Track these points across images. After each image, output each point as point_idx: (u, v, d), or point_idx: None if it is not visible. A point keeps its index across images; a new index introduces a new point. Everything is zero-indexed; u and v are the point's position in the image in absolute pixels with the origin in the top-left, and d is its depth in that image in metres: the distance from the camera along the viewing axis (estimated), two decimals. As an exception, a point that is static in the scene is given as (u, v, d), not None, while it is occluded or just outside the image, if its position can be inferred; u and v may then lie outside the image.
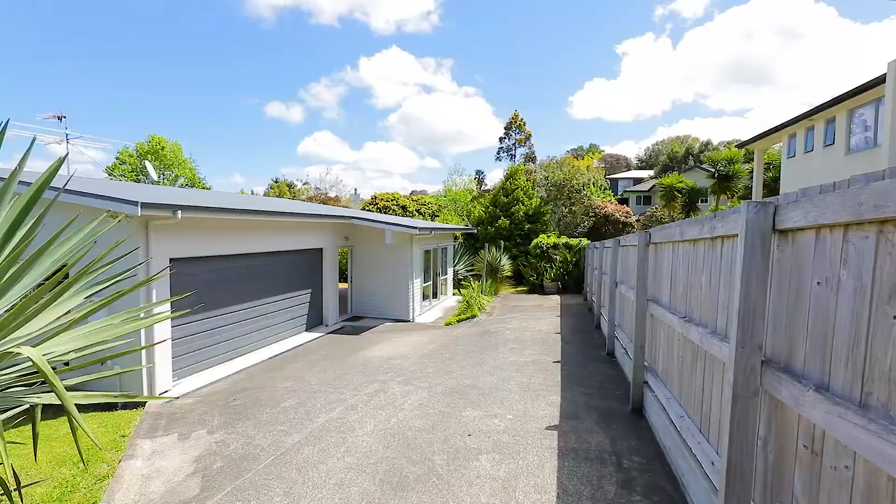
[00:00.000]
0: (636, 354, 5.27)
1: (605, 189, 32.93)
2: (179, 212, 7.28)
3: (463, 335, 10.71)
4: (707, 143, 60.57)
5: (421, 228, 12.83)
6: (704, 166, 34.51)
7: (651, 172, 55.89)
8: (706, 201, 29.33)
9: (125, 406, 7.38)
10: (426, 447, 4.61)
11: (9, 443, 3.17)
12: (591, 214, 24.77)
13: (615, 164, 67.25)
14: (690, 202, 27.08)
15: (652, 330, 5.09)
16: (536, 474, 4.04)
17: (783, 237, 2.24)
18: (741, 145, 22.48)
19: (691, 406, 3.52)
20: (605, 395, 6.03)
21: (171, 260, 7.91)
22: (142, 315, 7.30)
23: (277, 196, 40.91)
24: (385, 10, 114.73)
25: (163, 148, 44.52)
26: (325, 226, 12.56)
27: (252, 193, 45.42)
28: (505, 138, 46.33)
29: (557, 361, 7.82)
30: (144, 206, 6.68)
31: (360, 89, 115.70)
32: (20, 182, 7.92)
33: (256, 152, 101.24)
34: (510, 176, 24.25)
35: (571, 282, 18.88)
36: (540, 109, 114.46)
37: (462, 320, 13.10)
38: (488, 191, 32.18)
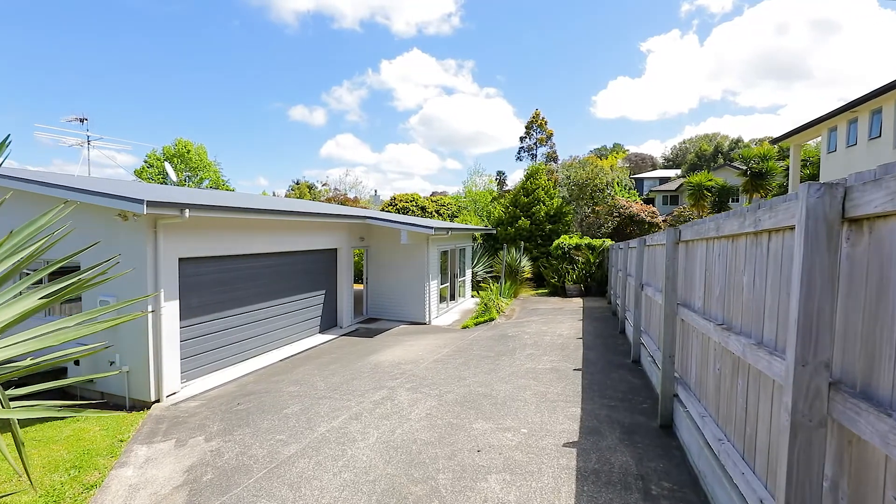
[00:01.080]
0: (665, 364, 4.77)
1: (629, 189, 31.99)
2: (187, 210, 7.13)
3: (479, 339, 10.30)
4: (738, 141, 58.44)
5: (437, 228, 12.49)
6: (735, 164, 33.19)
7: (678, 171, 54.19)
8: (737, 200, 28.09)
9: (133, 407, 7.28)
10: (431, 464, 4.22)
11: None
12: (614, 214, 23.94)
13: (640, 163, 65.57)
14: (720, 201, 25.97)
15: (683, 337, 4.59)
16: (551, 500, 3.60)
17: (855, 227, 1.78)
18: (775, 141, 21.37)
19: (731, 427, 3.03)
20: (630, 408, 5.52)
21: (180, 260, 7.78)
22: (149, 311, 7.21)
23: (298, 197, 41.28)
24: (406, 13, 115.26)
25: (188, 151, 45.54)
26: (339, 226, 12.35)
27: (273, 195, 46.02)
28: (526, 137, 45.59)
29: (578, 369, 7.31)
30: (150, 204, 6.54)
31: (382, 92, 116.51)
32: (36, 182, 7.70)
33: (280, 155, 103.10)
34: (531, 175, 23.68)
35: (594, 284, 18.21)
36: (562, 109, 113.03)
37: (479, 323, 12.69)
38: (509, 191, 31.64)
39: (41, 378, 7.83)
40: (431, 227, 12.30)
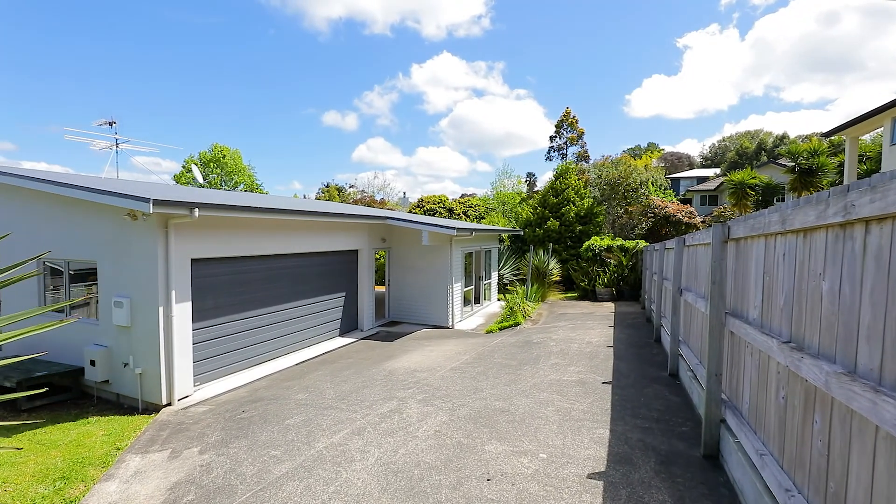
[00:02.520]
0: (710, 383, 4.07)
1: (665, 189, 30.53)
2: (196, 210, 6.89)
3: (502, 345, 9.70)
4: (783, 137, 55.26)
5: (459, 229, 11.97)
6: (781, 161, 31.23)
7: (717, 171, 51.70)
8: (783, 200, 26.30)
9: (146, 410, 7.11)
10: (432, 494, 3.69)
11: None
12: (649, 215, 22.72)
13: (676, 162, 63.07)
14: (765, 200, 24.36)
15: (732, 352, 3.89)
16: (571, 547, 3.01)
17: None
18: (828, 134, 19.77)
19: (804, 476, 2.37)
20: (668, 431, 4.81)
21: (192, 260, 7.58)
22: (161, 313, 7.02)
23: (328, 199, 41.66)
24: (436, 16, 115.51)
25: (224, 156, 46.82)
26: (359, 226, 12.02)
27: (304, 197, 46.72)
28: (556, 137, 44.43)
29: (608, 382, 6.61)
30: (157, 203, 6.31)
31: (412, 96, 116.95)
32: (50, 182, 7.56)
33: (314, 160, 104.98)
34: (560, 175, 22.82)
35: (627, 288, 17.24)
36: (595, 109, 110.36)
37: (504, 328, 12.10)
38: (538, 192, 30.78)
39: (60, 378, 7.79)
40: (453, 228, 11.79)
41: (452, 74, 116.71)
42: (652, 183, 28.05)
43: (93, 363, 7.54)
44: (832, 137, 23.61)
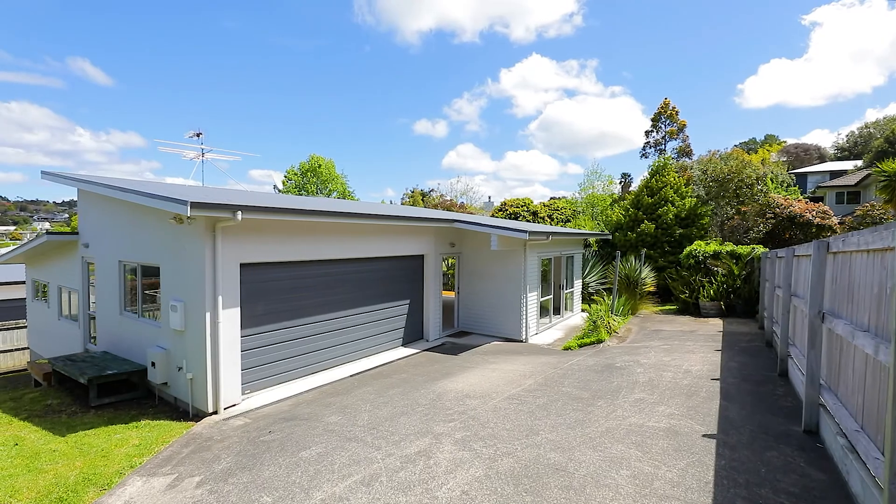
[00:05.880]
0: (893, 479, 2.47)
1: (788, 185, 25.97)
2: (239, 213, 6.54)
3: (576, 368, 8.22)
4: (952, 119, 44.93)
5: (532, 233, 10.67)
6: (954, 147, 25.04)
7: (858, 163, 43.46)
8: (958, 195, 20.78)
9: (196, 416, 6.93)
10: None
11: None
12: (768, 216, 19.08)
13: (802, 155, 54.47)
14: (930, 196, 19.38)
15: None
16: None
17: None
18: None
19: None
20: (808, 533, 3.18)
21: (242, 265, 7.29)
22: (207, 319, 6.77)
23: (412, 204, 42.13)
24: (525, 18, 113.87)
25: (320, 166, 49.75)
26: (425, 230, 11.25)
27: (391, 203, 47.94)
28: (652, 131, 40.24)
29: (710, 435, 4.91)
30: (195, 205, 6.02)
31: (501, 100, 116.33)
32: (88, 181, 7.56)
33: (405, 167, 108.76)
34: (656, 172, 20.24)
35: (739, 302, 14.46)
36: (700, 103, 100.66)
37: (584, 345, 10.57)
38: (631, 192, 27.91)
39: (128, 376, 7.97)
40: (525, 231, 10.53)
41: (542, 76, 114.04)
42: (771, 179, 23.89)
43: (153, 365, 7.58)
44: None
